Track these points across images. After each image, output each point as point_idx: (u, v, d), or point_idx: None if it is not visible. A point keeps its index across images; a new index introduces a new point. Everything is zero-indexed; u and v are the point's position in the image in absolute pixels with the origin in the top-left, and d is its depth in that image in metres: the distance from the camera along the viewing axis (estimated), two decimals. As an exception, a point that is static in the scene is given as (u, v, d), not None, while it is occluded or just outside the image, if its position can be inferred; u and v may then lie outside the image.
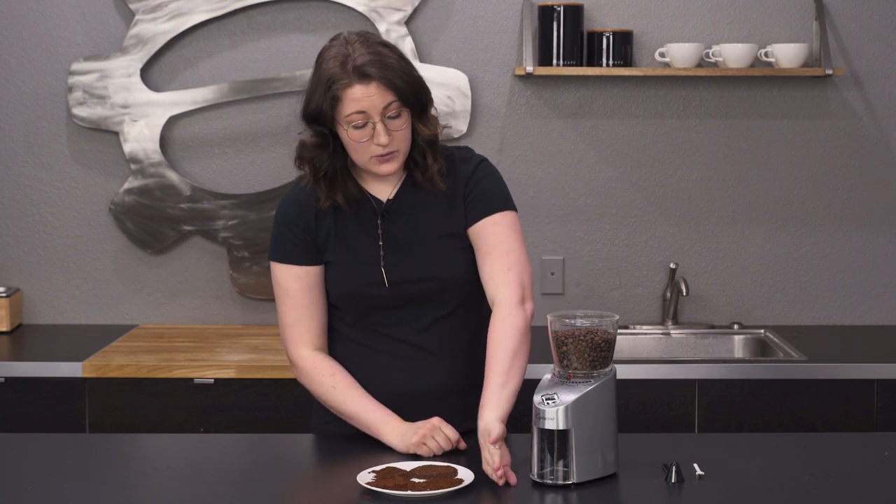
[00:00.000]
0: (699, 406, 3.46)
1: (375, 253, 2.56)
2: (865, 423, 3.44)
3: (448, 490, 2.22)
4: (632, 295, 4.06)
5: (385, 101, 2.45)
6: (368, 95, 2.43)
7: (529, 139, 4.00)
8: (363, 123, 2.45)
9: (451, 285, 2.58)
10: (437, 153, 2.56)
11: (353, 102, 2.44)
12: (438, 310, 2.59)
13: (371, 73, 2.43)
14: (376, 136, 2.46)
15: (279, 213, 2.62)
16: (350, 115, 2.45)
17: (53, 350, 3.69)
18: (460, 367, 2.61)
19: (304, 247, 2.58)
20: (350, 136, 2.47)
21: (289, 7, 3.97)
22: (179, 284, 4.04)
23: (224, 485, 2.34)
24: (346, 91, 2.44)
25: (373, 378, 2.60)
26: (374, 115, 2.45)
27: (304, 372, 2.61)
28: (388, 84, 2.44)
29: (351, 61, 2.44)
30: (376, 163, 2.50)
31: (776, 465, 2.42)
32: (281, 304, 2.62)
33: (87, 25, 3.96)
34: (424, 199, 2.58)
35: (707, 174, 4.03)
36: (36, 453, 2.50)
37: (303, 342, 2.61)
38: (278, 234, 2.61)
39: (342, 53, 2.46)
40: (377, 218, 2.57)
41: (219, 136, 4.01)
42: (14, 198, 4.02)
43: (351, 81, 2.43)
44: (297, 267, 2.59)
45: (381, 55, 2.45)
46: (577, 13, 3.88)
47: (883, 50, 3.99)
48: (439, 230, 2.57)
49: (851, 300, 4.07)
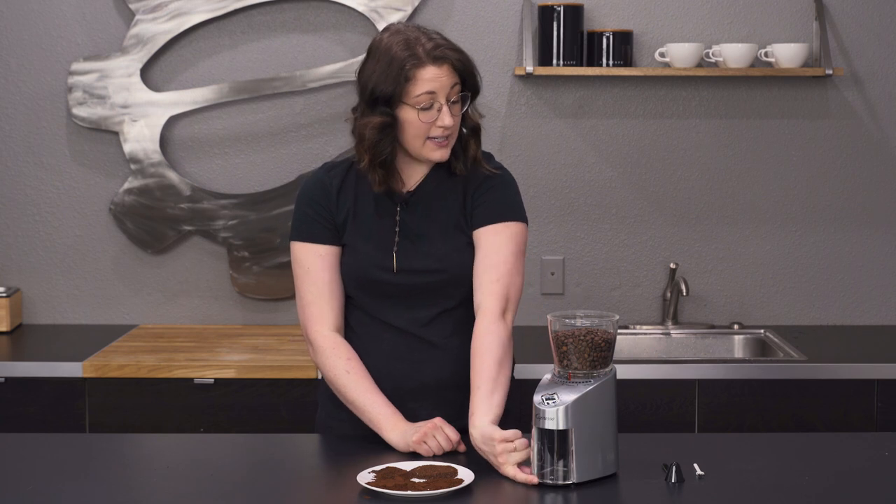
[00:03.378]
0: (699, 406, 3.46)
1: (390, 239, 2.60)
2: (865, 423, 3.44)
3: (448, 490, 2.22)
4: (632, 295, 4.06)
5: (452, 84, 2.53)
6: (440, 77, 2.51)
7: (529, 139, 4.00)
8: (429, 105, 2.52)
9: (457, 279, 2.61)
10: (479, 141, 2.64)
11: (425, 83, 2.50)
12: (444, 303, 2.62)
13: (445, 55, 2.52)
14: (441, 118, 2.52)
15: (302, 193, 2.66)
16: (420, 95, 2.51)
17: (53, 350, 3.69)
18: (462, 361, 2.62)
19: (326, 226, 2.62)
20: (415, 118, 2.52)
21: (288, 7, 3.97)
22: (179, 284, 4.04)
23: (224, 485, 2.34)
24: (419, 71, 2.50)
25: (375, 367, 2.62)
26: (441, 97, 2.52)
27: (321, 351, 2.63)
28: (457, 68, 2.54)
29: (421, 45, 2.51)
30: (432, 147, 2.55)
31: (776, 465, 2.42)
32: (301, 283, 2.64)
33: (87, 25, 3.96)
34: (443, 193, 2.63)
35: (707, 174, 4.03)
36: (36, 453, 2.50)
37: (322, 320, 2.63)
38: (301, 214, 2.64)
39: (409, 38, 2.53)
40: (397, 206, 2.61)
41: (219, 136, 4.01)
42: (14, 198, 4.02)
43: (425, 62, 2.50)
44: (318, 245, 2.62)
45: (447, 41, 2.56)
46: (577, 13, 3.88)
47: (883, 50, 3.99)
48: (453, 224, 2.62)
49: (851, 300, 4.07)
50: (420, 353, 2.62)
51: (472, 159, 2.63)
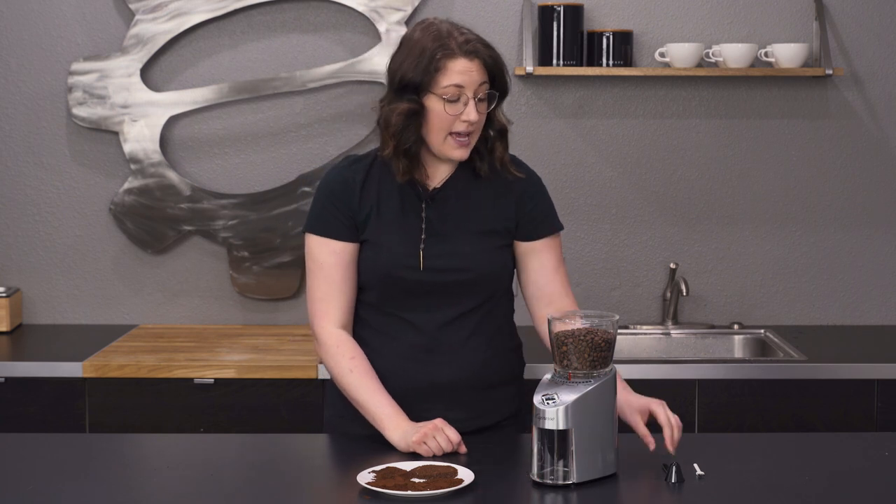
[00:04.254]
0: (699, 406, 3.46)
1: (416, 237, 2.60)
2: (865, 423, 3.44)
3: (448, 490, 2.22)
4: (632, 295, 4.06)
5: (481, 80, 2.53)
6: (470, 71, 2.52)
7: (529, 139, 4.00)
8: (456, 98, 2.52)
9: (483, 280, 2.62)
10: (507, 144, 2.65)
11: (455, 74, 2.51)
12: (465, 304, 2.62)
13: (477, 50, 2.53)
14: (466, 112, 2.52)
15: (323, 186, 2.65)
16: (448, 86, 2.51)
17: (53, 350, 3.69)
18: (477, 364, 2.63)
19: (345, 223, 2.62)
20: (441, 108, 2.52)
21: (288, 7, 3.97)
22: (179, 284, 4.04)
23: (224, 485, 2.34)
24: (450, 62, 2.51)
25: (388, 366, 2.61)
26: (468, 91, 2.52)
27: (326, 348, 2.63)
28: (489, 65, 2.55)
29: (453, 38, 2.52)
30: (453, 145, 2.56)
31: (776, 465, 2.42)
32: (313, 277, 2.64)
33: (87, 25, 3.96)
34: (471, 193, 2.64)
35: (707, 174, 4.03)
36: (36, 453, 2.50)
37: (330, 318, 2.63)
38: (320, 208, 2.64)
39: (442, 31, 2.54)
40: (422, 203, 2.61)
41: (219, 136, 4.01)
42: (14, 198, 4.02)
43: (457, 54, 2.51)
44: (334, 242, 2.62)
45: (479, 37, 2.56)
46: (577, 13, 3.88)
47: (883, 50, 3.99)
48: (480, 225, 2.63)
49: (851, 300, 4.07)
50: (434, 356, 2.62)
51: (498, 161, 2.64)
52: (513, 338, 2.75)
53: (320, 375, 3.41)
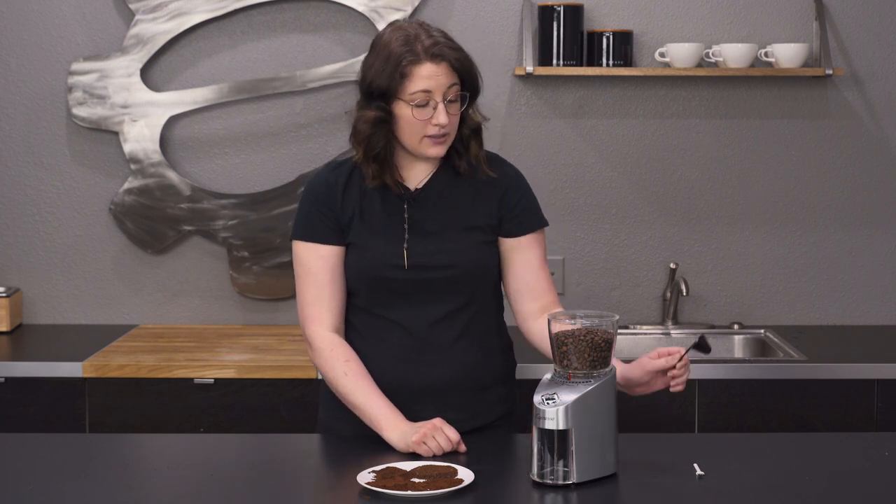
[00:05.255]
0: (699, 406, 3.46)
1: (399, 237, 2.61)
2: (865, 423, 3.44)
3: (448, 490, 2.22)
4: (632, 295, 4.06)
5: (449, 83, 2.53)
6: (436, 75, 2.51)
7: (529, 139, 4.00)
8: (425, 102, 2.52)
9: (468, 276, 2.62)
10: (481, 142, 2.65)
11: (422, 80, 2.51)
12: (452, 301, 2.62)
13: (443, 53, 2.52)
14: (436, 116, 2.53)
15: (307, 192, 2.66)
16: (415, 92, 2.51)
17: (53, 350, 3.69)
18: (468, 365, 2.63)
19: (329, 226, 2.62)
20: (410, 115, 2.52)
21: (288, 7, 3.97)
22: (179, 284, 4.04)
23: (224, 485, 2.34)
24: (415, 68, 2.51)
25: (380, 369, 2.61)
26: (437, 96, 2.52)
27: (319, 352, 2.63)
28: (456, 67, 2.54)
29: (420, 42, 2.52)
30: (428, 144, 2.56)
31: (776, 465, 2.42)
32: (302, 282, 2.65)
33: (87, 25, 3.96)
34: (452, 191, 2.64)
35: (707, 174, 4.03)
36: (36, 453, 2.50)
37: (321, 321, 2.63)
38: (305, 213, 2.65)
39: (409, 35, 2.54)
40: (404, 203, 2.62)
41: (219, 136, 4.01)
42: (14, 198, 4.02)
43: (422, 59, 2.51)
44: (321, 246, 2.63)
45: (448, 39, 2.56)
46: (577, 13, 3.88)
47: (883, 50, 3.99)
48: (463, 222, 2.63)
49: (851, 300, 4.07)
50: (425, 356, 2.62)
51: (474, 158, 2.64)
52: (503, 338, 2.75)
53: (320, 376, 3.40)
